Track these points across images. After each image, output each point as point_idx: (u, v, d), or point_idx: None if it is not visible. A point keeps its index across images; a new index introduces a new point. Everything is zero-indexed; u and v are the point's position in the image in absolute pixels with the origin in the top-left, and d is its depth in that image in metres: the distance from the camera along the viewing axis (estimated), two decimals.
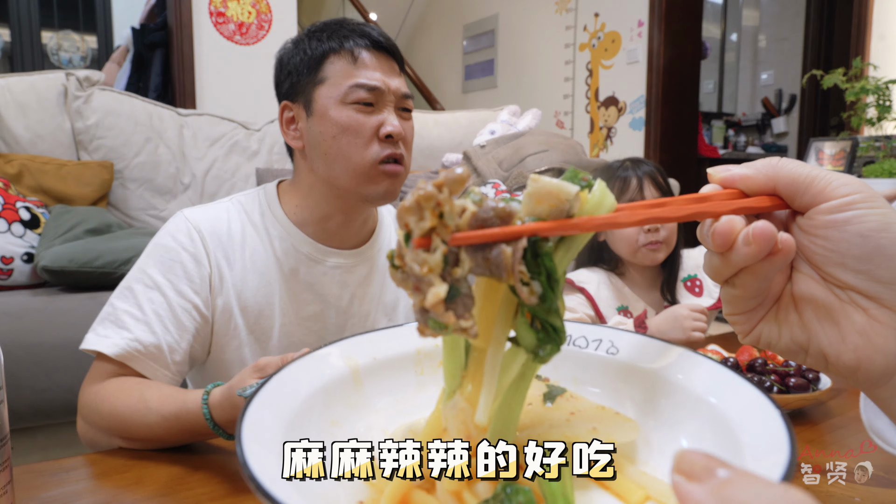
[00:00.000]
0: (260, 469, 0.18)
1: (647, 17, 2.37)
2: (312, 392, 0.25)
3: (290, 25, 2.16)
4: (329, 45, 0.54)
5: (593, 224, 0.20)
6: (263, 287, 0.56)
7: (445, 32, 3.47)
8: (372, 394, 0.27)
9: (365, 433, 0.25)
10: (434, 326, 0.19)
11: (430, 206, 0.19)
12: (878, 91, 1.51)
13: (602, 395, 0.27)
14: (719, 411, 0.22)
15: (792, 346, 0.23)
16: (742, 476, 0.13)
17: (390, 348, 0.29)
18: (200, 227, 0.55)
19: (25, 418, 0.90)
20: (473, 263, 0.20)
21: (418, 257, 0.19)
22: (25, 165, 1.26)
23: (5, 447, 0.31)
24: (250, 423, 0.20)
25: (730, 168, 0.23)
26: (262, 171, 1.53)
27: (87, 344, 0.51)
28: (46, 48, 2.88)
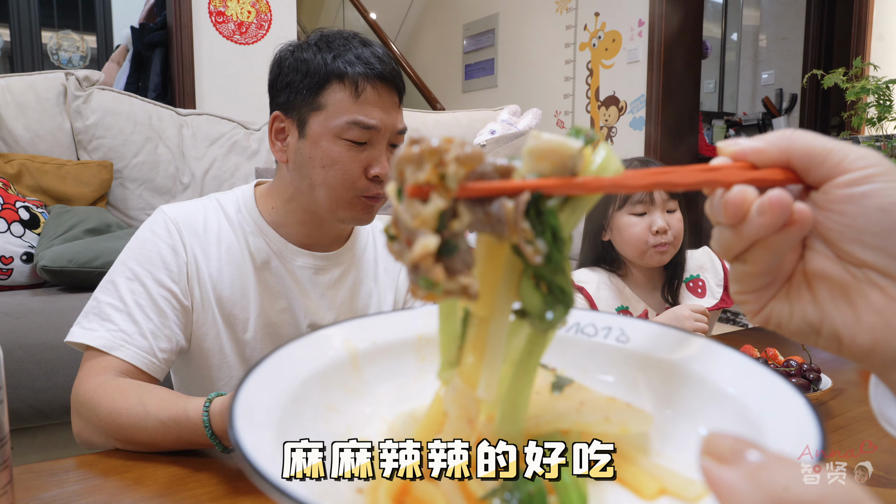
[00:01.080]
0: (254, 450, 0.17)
1: (648, 16, 2.36)
2: (309, 375, 0.24)
3: (289, 25, 2.16)
4: (334, 68, 0.52)
5: (600, 184, 0.19)
6: (238, 279, 0.57)
7: (445, 32, 3.47)
8: (371, 379, 0.26)
9: (363, 419, 0.25)
10: (424, 285, 0.18)
11: (433, 161, 0.18)
12: (879, 91, 1.51)
13: (615, 384, 0.26)
14: (739, 401, 0.21)
15: (804, 326, 0.22)
16: (777, 460, 0.13)
17: (391, 333, 0.28)
18: (178, 221, 0.56)
19: (25, 418, 0.90)
20: (473, 218, 0.18)
21: (411, 208, 0.18)
22: (25, 165, 1.26)
23: (5, 447, 0.31)
24: (244, 404, 0.20)
25: (740, 141, 0.22)
26: (262, 170, 1.53)
27: (73, 337, 0.52)
28: (46, 48, 2.88)
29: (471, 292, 0.18)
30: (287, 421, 0.21)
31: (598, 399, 0.23)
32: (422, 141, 0.18)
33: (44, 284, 1.13)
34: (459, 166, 0.18)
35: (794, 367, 0.55)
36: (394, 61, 0.55)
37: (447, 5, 3.45)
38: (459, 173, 0.18)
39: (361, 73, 0.52)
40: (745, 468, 0.13)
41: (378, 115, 0.53)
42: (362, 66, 0.52)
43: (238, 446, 0.17)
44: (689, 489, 0.19)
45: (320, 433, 0.22)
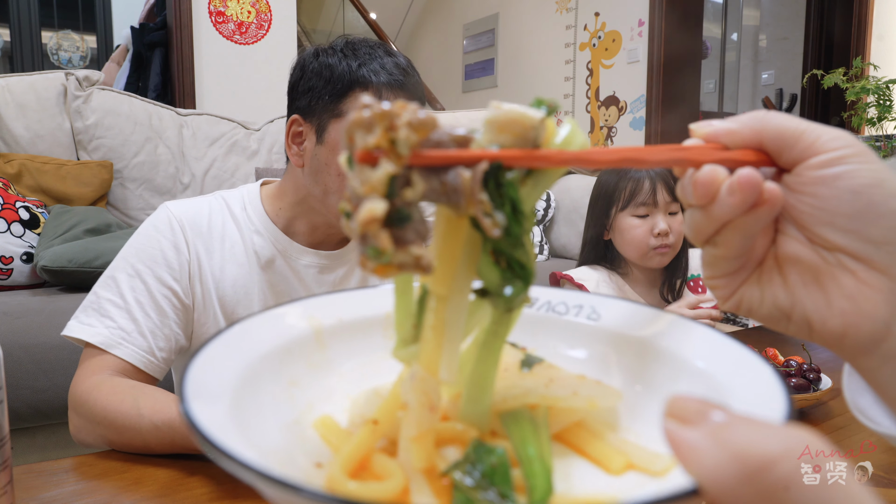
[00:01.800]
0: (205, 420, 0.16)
1: (648, 16, 2.37)
2: (271, 350, 0.23)
3: (289, 25, 2.16)
4: (358, 76, 0.52)
5: (563, 158, 0.19)
6: (242, 278, 0.57)
7: (445, 32, 3.47)
8: (336, 356, 0.26)
9: (326, 395, 0.24)
10: (373, 254, 0.16)
11: (383, 125, 0.17)
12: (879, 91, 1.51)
13: (585, 361, 0.26)
14: (708, 374, 0.21)
15: (774, 311, 0.22)
16: (740, 419, 0.12)
17: (358, 310, 0.27)
18: (181, 218, 0.56)
19: (25, 418, 0.90)
20: (427, 187, 0.17)
21: (360, 174, 0.17)
22: (25, 165, 1.26)
23: (5, 447, 0.31)
24: (198, 376, 0.19)
25: (713, 122, 0.22)
26: (262, 170, 1.53)
27: (70, 331, 0.52)
28: (46, 48, 2.88)
29: (423, 264, 0.17)
30: (245, 395, 0.20)
31: (567, 376, 0.23)
32: (372, 105, 0.17)
33: (44, 284, 1.13)
34: (412, 131, 0.17)
35: (794, 367, 0.55)
36: (415, 72, 0.55)
37: (447, 5, 3.45)
38: (412, 139, 0.17)
39: (385, 82, 0.52)
40: (708, 428, 0.12)
41: None
42: (386, 75, 0.52)
43: (187, 416, 0.16)
44: (655, 463, 0.19)
45: (281, 408, 0.22)
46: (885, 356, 0.21)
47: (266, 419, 0.20)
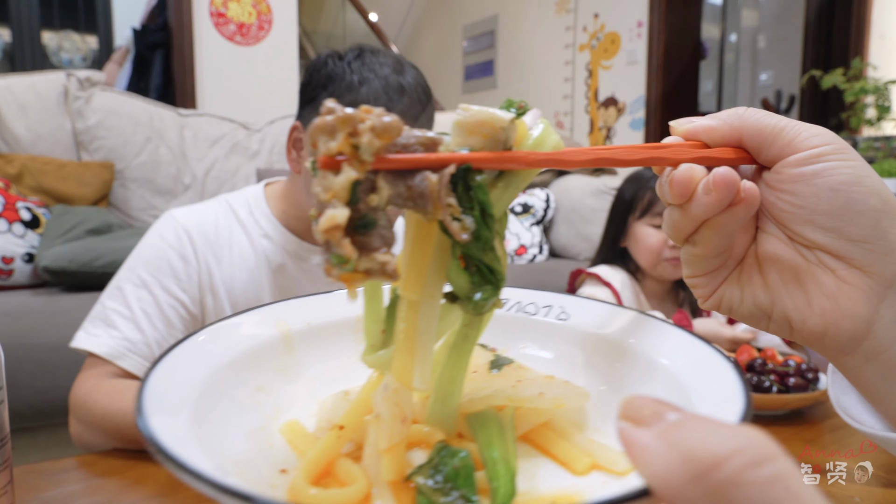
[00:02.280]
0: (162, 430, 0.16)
1: (647, 17, 2.37)
2: (237, 356, 0.23)
3: (290, 26, 2.16)
4: (358, 96, 0.50)
5: (534, 159, 0.18)
6: (252, 283, 0.57)
7: (445, 33, 3.48)
8: (304, 360, 0.25)
9: (293, 400, 0.24)
10: (336, 262, 0.16)
11: (346, 129, 0.16)
12: (878, 91, 1.51)
13: (554, 361, 0.26)
14: (672, 372, 0.21)
15: (755, 310, 0.22)
16: (691, 418, 0.12)
17: (327, 314, 0.27)
18: (188, 227, 0.56)
19: (26, 418, 0.90)
20: (393, 192, 0.17)
21: (323, 180, 0.16)
22: (26, 166, 1.26)
23: (5, 447, 0.31)
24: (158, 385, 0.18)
25: (693, 120, 0.22)
26: (263, 171, 1.53)
27: (78, 342, 0.52)
28: (47, 48, 2.88)
29: (389, 270, 0.17)
30: (209, 403, 0.20)
31: (535, 377, 0.23)
32: (335, 109, 0.17)
33: (45, 285, 1.13)
34: (375, 137, 0.17)
35: (793, 367, 0.55)
36: (422, 90, 0.53)
37: (447, 7, 3.45)
38: (374, 144, 0.17)
39: (392, 100, 0.50)
40: (660, 428, 0.12)
41: None
42: (385, 99, 0.51)
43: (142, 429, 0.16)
44: (619, 463, 0.19)
45: (247, 414, 0.21)
46: (866, 354, 0.20)
47: (231, 427, 0.20)
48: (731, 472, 0.11)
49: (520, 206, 1.59)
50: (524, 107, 0.19)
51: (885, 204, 0.20)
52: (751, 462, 0.11)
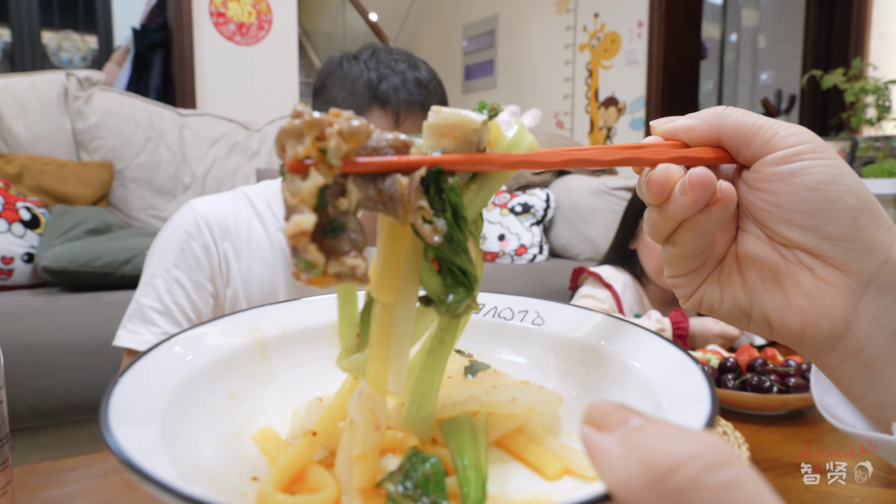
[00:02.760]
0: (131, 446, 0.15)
1: (647, 17, 2.37)
2: (209, 363, 0.22)
3: (290, 26, 2.16)
4: (378, 93, 0.51)
5: (507, 161, 0.18)
6: (269, 276, 0.57)
7: (445, 32, 3.48)
8: (279, 366, 0.25)
9: (267, 407, 0.24)
10: (304, 267, 0.16)
11: (313, 133, 0.16)
12: (878, 91, 1.51)
13: (527, 366, 0.26)
14: (643, 375, 0.21)
15: (734, 310, 0.22)
16: (653, 423, 0.12)
17: (302, 320, 0.27)
18: (208, 217, 0.56)
19: (25, 418, 0.90)
20: (363, 195, 0.17)
21: (291, 185, 0.16)
22: (26, 165, 1.26)
23: (5, 447, 0.31)
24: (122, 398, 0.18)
25: (673, 119, 0.22)
26: (263, 171, 1.53)
27: (120, 341, 0.53)
28: (47, 48, 2.88)
29: (359, 274, 0.17)
30: (178, 411, 0.19)
31: (510, 382, 0.23)
32: (303, 113, 0.17)
33: (45, 285, 1.13)
34: (342, 141, 0.17)
35: (794, 368, 0.55)
36: (437, 83, 0.54)
37: (447, 6, 3.45)
38: (342, 148, 0.17)
39: (403, 100, 0.51)
40: (621, 433, 0.12)
41: None
42: (405, 93, 0.51)
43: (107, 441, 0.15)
44: (591, 468, 0.19)
45: (219, 422, 0.21)
46: (845, 353, 0.20)
47: (201, 435, 0.20)
48: (688, 476, 0.11)
49: (520, 206, 1.59)
50: (496, 108, 0.19)
51: (862, 203, 0.20)
52: (707, 467, 0.11)
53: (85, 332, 0.93)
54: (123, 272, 1.06)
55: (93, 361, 0.92)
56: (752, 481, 0.11)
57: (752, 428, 0.49)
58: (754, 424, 0.50)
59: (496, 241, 1.53)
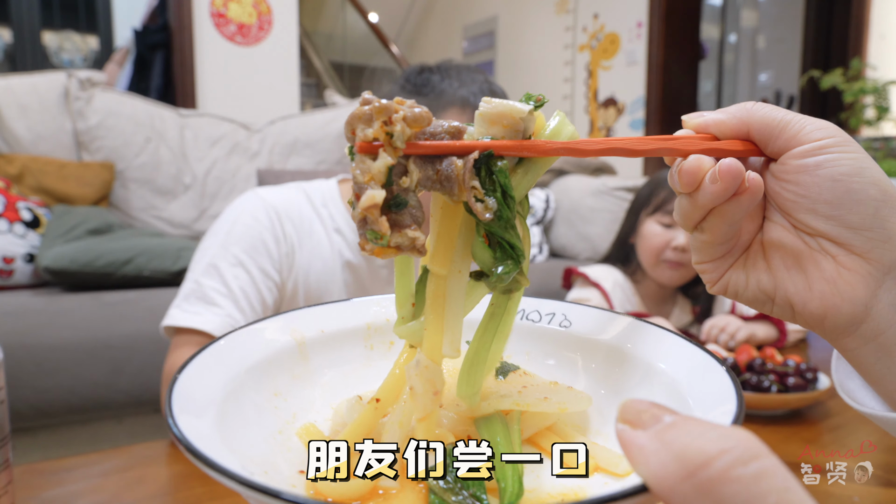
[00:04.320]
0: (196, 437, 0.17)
1: (647, 18, 2.37)
2: (255, 363, 0.24)
3: (290, 27, 2.17)
4: (459, 95, 0.53)
5: (551, 147, 0.20)
6: (325, 274, 0.58)
7: (445, 33, 3.48)
8: (318, 366, 0.27)
9: (309, 405, 0.25)
10: (372, 237, 0.18)
11: (381, 118, 0.19)
12: (877, 92, 1.51)
13: (556, 367, 0.27)
14: (669, 376, 0.22)
15: (759, 294, 0.23)
16: (685, 420, 0.13)
17: (339, 322, 0.29)
18: (277, 208, 0.56)
19: (26, 418, 0.90)
20: (422, 175, 0.19)
21: (361, 164, 0.19)
22: (27, 166, 1.26)
23: (5, 447, 0.31)
24: (182, 393, 0.20)
25: (704, 114, 0.23)
26: (263, 171, 1.53)
27: (178, 321, 0.51)
28: (48, 49, 2.89)
29: (418, 245, 0.19)
30: (230, 406, 0.21)
31: (540, 383, 0.24)
32: (372, 101, 0.19)
33: (46, 285, 1.13)
34: (406, 125, 0.19)
35: (793, 367, 0.55)
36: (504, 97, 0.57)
37: (447, 7, 3.46)
38: (406, 132, 0.19)
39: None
40: (655, 430, 0.13)
41: None
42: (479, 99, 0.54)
43: (174, 430, 0.17)
44: (620, 465, 0.20)
45: (266, 418, 0.23)
46: (864, 337, 0.21)
47: (251, 429, 0.21)
48: (720, 469, 0.12)
49: None
50: (542, 99, 0.21)
51: (884, 194, 0.21)
52: (737, 460, 0.12)
53: (86, 332, 0.93)
54: (124, 272, 1.07)
55: (93, 361, 0.92)
56: (780, 473, 0.12)
57: (751, 428, 0.49)
58: (753, 424, 0.50)
59: None
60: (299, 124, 1.63)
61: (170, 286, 1.07)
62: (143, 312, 0.97)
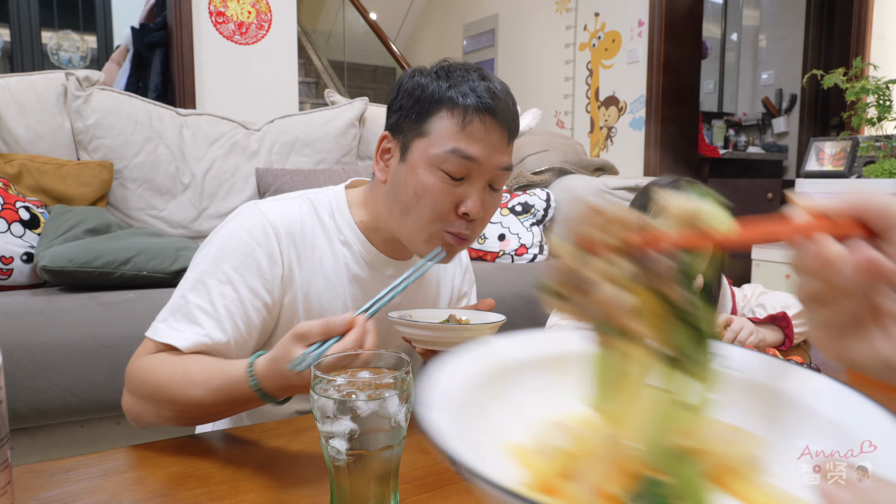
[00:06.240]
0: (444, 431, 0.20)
1: (648, 16, 2.37)
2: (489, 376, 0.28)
3: (289, 25, 2.16)
4: (446, 97, 0.51)
5: (737, 240, 0.23)
6: (329, 290, 0.56)
7: (445, 32, 3.47)
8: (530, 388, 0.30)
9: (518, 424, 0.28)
10: (603, 330, 0.22)
11: (615, 228, 0.23)
12: (879, 91, 1.51)
13: (724, 408, 0.29)
14: (838, 425, 0.24)
15: (878, 363, 0.24)
16: (884, 484, 0.14)
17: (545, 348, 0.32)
18: (276, 225, 0.54)
19: (25, 418, 0.90)
20: (636, 270, 0.23)
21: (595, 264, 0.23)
22: (25, 165, 1.26)
23: (5, 447, 0.31)
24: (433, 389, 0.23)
25: (815, 197, 0.25)
26: (262, 170, 1.53)
27: (159, 336, 0.51)
28: (46, 48, 2.88)
29: (633, 332, 0.22)
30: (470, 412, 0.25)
31: (718, 424, 0.26)
32: (604, 212, 0.24)
33: (44, 284, 1.13)
34: (629, 231, 0.23)
35: None
36: (511, 98, 0.54)
37: (447, 5, 3.45)
38: (628, 236, 0.23)
39: (472, 104, 0.51)
40: (858, 491, 0.14)
41: (480, 149, 0.51)
42: (475, 98, 0.51)
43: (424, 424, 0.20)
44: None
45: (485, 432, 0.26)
46: None
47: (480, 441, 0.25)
48: None
49: (520, 205, 1.59)
50: (723, 203, 0.24)
51: None
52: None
53: (84, 332, 0.93)
54: (122, 272, 1.06)
55: (92, 361, 0.92)
56: None
57: None
58: None
59: (496, 241, 1.53)
60: (299, 123, 1.63)
61: (169, 286, 1.07)
62: (142, 312, 0.97)
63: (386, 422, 0.32)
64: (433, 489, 0.38)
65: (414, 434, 0.29)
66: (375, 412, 0.31)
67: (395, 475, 0.34)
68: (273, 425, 0.49)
